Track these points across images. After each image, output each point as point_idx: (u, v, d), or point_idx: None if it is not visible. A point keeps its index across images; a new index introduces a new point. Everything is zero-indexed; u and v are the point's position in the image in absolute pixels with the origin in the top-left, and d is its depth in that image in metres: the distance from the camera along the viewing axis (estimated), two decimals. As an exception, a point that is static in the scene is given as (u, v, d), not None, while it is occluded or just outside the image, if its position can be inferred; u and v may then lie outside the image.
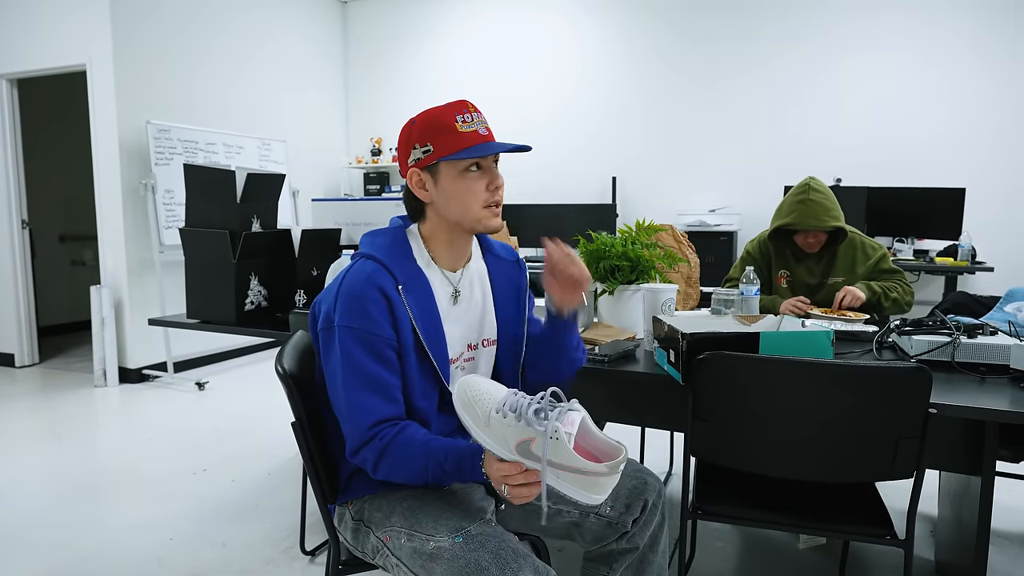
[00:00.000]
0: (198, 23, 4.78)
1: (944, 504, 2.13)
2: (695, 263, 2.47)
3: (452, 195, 1.23)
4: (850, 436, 1.41)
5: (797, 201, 2.33)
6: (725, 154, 5.09)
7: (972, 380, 1.56)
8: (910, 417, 1.37)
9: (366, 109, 6.27)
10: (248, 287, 2.31)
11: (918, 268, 4.17)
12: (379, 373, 1.17)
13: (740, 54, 4.97)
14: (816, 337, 1.53)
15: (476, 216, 1.24)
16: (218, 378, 4.60)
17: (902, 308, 2.28)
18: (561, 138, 5.48)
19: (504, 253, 1.43)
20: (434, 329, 1.25)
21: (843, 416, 1.40)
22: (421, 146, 1.22)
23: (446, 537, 1.14)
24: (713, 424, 1.50)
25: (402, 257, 1.25)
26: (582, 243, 2.08)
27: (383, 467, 1.15)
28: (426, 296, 1.25)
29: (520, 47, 5.61)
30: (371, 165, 6.09)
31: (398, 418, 1.19)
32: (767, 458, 1.49)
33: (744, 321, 1.79)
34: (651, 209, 5.19)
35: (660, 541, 1.37)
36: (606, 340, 1.84)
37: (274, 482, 2.81)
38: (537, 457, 1.01)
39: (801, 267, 2.45)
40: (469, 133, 1.19)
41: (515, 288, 1.41)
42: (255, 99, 5.31)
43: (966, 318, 1.86)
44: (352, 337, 1.16)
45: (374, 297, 1.17)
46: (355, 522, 1.28)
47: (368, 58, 6.20)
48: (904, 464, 1.41)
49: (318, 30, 5.96)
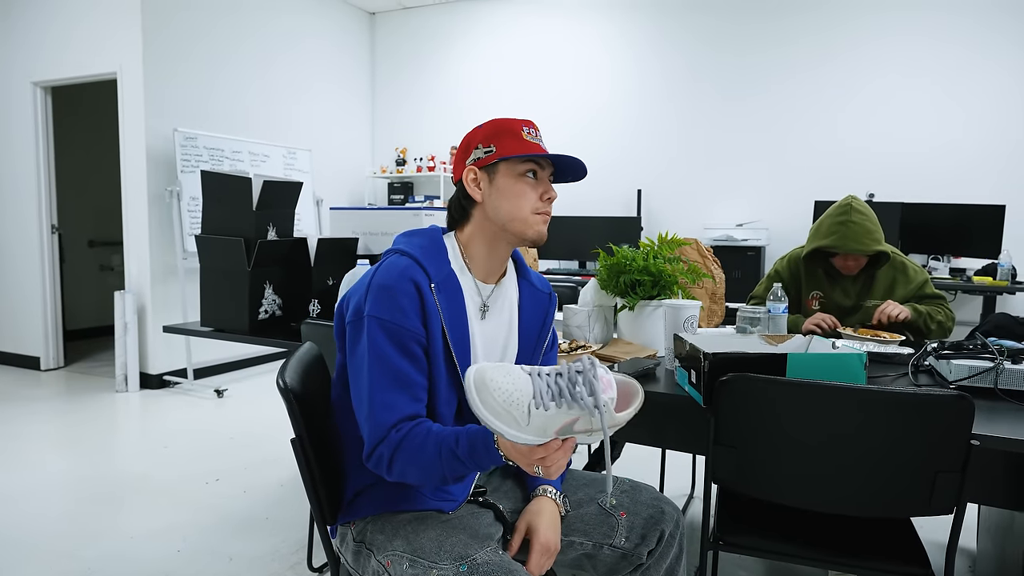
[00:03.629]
0: (226, 33, 4.85)
1: (984, 539, 2.03)
2: (720, 279, 2.39)
3: (506, 194, 1.22)
4: (884, 467, 1.33)
5: (838, 223, 2.22)
6: (753, 167, 5.00)
7: (1016, 408, 1.47)
8: (950, 449, 1.29)
9: (391, 119, 6.30)
10: (262, 296, 2.28)
11: (955, 287, 4.04)
12: (406, 369, 1.14)
13: (770, 66, 4.89)
14: (848, 360, 1.45)
15: (525, 218, 1.22)
16: (237, 386, 4.61)
17: (945, 334, 2.17)
18: (587, 151, 5.43)
19: (539, 283, 1.40)
20: (462, 334, 1.22)
21: (877, 446, 1.32)
22: (484, 146, 1.23)
23: (450, 565, 1.08)
24: (736, 450, 1.43)
25: (437, 258, 1.24)
26: (602, 256, 2.03)
27: (398, 463, 1.10)
28: (457, 300, 1.23)
29: (547, 60, 5.60)
30: (395, 175, 6.11)
31: (419, 416, 1.15)
32: (793, 488, 1.42)
33: (771, 341, 1.72)
34: (677, 223, 5.11)
35: (677, 574, 1.30)
36: (625, 358, 1.78)
37: (286, 494, 2.79)
38: (579, 431, 0.97)
39: (836, 289, 2.35)
40: (532, 143, 1.22)
41: (541, 320, 1.38)
42: (281, 108, 5.37)
43: (1009, 341, 1.76)
44: (381, 329, 1.13)
45: (407, 290, 1.15)
46: (356, 544, 1.23)
47: (395, 69, 6.24)
48: (943, 499, 1.32)
49: (346, 40, 6.02)
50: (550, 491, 1.28)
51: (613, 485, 1.37)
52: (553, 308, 1.42)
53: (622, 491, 1.35)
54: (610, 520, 1.29)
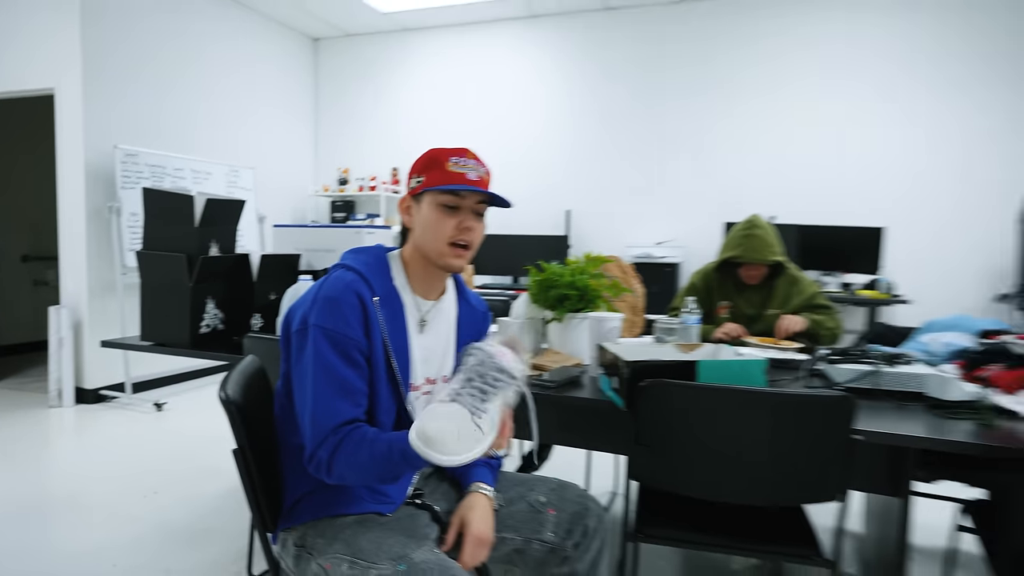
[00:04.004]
0: (170, 52, 4.67)
1: (870, 523, 2.15)
2: (640, 293, 2.46)
3: (425, 224, 1.24)
4: (781, 461, 1.41)
5: (743, 236, 2.37)
6: (671, 192, 5.18)
7: (894, 406, 1.58)
8: (837, 443, 1.37)
9: (335, 141, 6.20)
10: (204, 310, 2.20)
11: (844, 300, 4.28)
12: (348, 376, 1.14)
13: (686, 104, 5.09)
14: (750, 366, 1.53)
15: (439, 250, 1.23)
16: (177, 399, 4.40)
17: (835, 339, 2.32)
18: (520, 175, 5.50)
19: (476, 303, 1.43)
20: (402, 346, 1.23)
21: (774, 442, 1.39)
22: (416, 176, 1.25)
23: (388, 565, 1.08)
24: (654, 449, 1.48)
25: (381, 274, 1.25)
26: (533, 272, 2.06)
27: (337, 465, 1.10)
28: (398, 313, 1.24)
29: (483, 90, 5.64)
30: (338, 194, 6.01)
31: (359, 420, 1.15)
32: (704, 482, 1.47)
33: (684, 349, 1.78)
34: (601, 241, 5.23)
35: (600, 565, 1.33)
36: (554, 366, 1.81)
37: (225, 504, 2.67)
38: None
39: (742, 298, 2.47)
40: (456, 173, 1.21)
41: (475, 334, 1.39)
42: (225, 127, 5.20)
43: (888, 348, 1.90)
44: (326, 337, 1.14)
45: (351, 302, 1.16)
46: (297, 549, 1.20)
47: (338, 93, 6.15)
48: (831, 488, 1.40)
49: (290, 64, 5.89)
50: (483, 487, 1.29)
51: (543, 484, 1.38)
52: (487, 325, 1.45)
53: (550, 489, 1.37)
54: (539, 516, 1.31)
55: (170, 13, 4.66)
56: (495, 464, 1.38)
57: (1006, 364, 1.67)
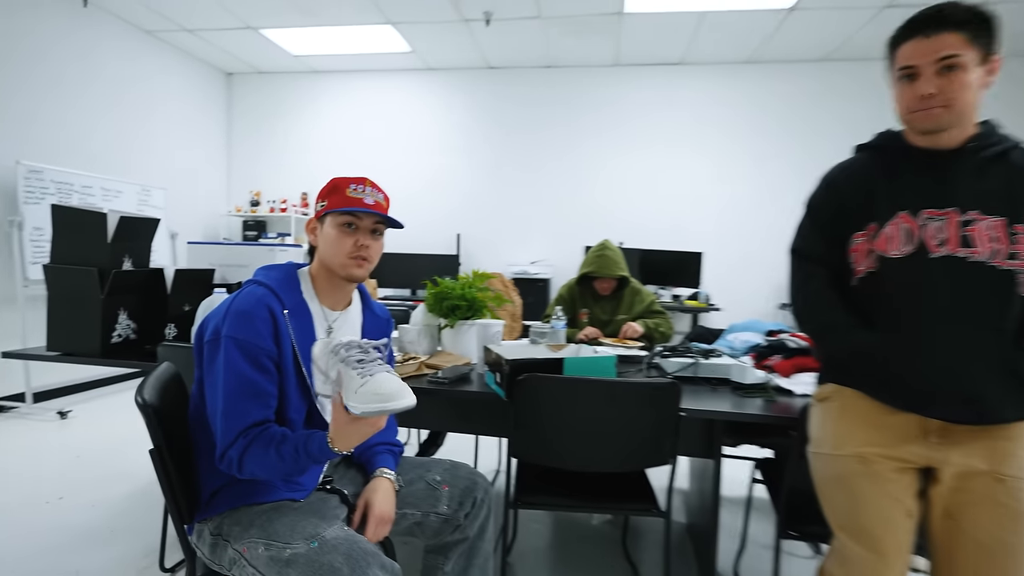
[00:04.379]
0: (78, 74, 4.15)
1: (691, 480, 2.34)
2: (519, 303, 2.54)
3: (328, 241, 1.22)
4: (628, 435, 1.51)
5: (597, 256, 2.52)
6: (543, 219, 5.36)
7: (709, 390, 1.74)
8: (668, 419, 1.49)
9: (247, 166, 5.80)
10: (116, 321, 1.99)
11: (674, 308, 4.64)
12: (258, 381, 1.09)
13: (553, 150, 5.30)
14: (604, 361, 1.63)
15: (341, 262, 1.22)
16: (84, 407, 3.88)
17: (667, 339, 2.51)
18: (417, 201, 5.44)
19: (379, 311, 1.40)
20: (310, 352, 1.17)
21: (622, 420, 1.50)
22: (320, 201, 1.24)
23: (302, 544, 1.04)
24: (529, 431, 1.53)
25: (290, 288, 1.21)
26: (429, 286, 2.06)
27: (247, 463, 1.05)
28: (307, 323, 1.20)
29: (386, 126, 5.53)
30: (250, 214, 5.62)
31: (268, 421, 1.10)
32: (569, 456, 1.55)
33: (553, 349, 1.86)
34: (487, 260, 5.30)
35: (487, 530, 1.35)
36: (447, 365, 1.82)
37: (134, 504, 2.39)
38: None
39: (597, 307, 2.62)
40: (355, 198, 1.20)
41: (379, 338, 1.36)
42: (136, 149, 4.69)
43: (705, 345, 2.09)
44: (237, 347, 1.08)
45: (262, 315, 1.11)
46: (213, 537, 1.12)
47: (251, 123, 5.77)
48: (664, 454, 1.52)
49: (204, 95, 5.44)
50: (386, 472, 1.28)
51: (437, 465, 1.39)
52: (390, 330, 1.44)
53: (444, 469, 1.37)
54: (435, 493, 1.31)
55: (78, 38, 4.16)
56: (396, 451, 1.37)
57: (784, 355, 1.89)
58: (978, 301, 1.07)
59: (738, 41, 4.49)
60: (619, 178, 5.21)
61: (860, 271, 1.18)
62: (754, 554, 2.11)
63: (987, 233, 1.08)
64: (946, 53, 1.07)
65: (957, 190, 1.11)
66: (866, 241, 1.16)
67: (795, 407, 1.57)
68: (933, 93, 1.09)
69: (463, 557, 1.31)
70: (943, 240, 1.10)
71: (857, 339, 1.16)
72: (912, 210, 1.12)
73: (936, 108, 1.09)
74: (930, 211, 1.11)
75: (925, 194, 1.13)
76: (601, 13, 4.08)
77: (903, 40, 1.13)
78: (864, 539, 1.16)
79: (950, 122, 1.11)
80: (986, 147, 1.12)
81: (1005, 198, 1.09)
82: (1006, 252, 1.06)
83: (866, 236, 1.16)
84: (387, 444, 1.34)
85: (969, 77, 1.08)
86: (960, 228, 1.09)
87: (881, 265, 1.14)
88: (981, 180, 1.11)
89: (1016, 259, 1.06)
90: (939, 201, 1.11)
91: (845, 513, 1.19)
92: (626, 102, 5.16)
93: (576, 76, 5.22)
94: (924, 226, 1.11)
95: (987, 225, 1.08)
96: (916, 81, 1.11)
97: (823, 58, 4.76)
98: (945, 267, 1.09)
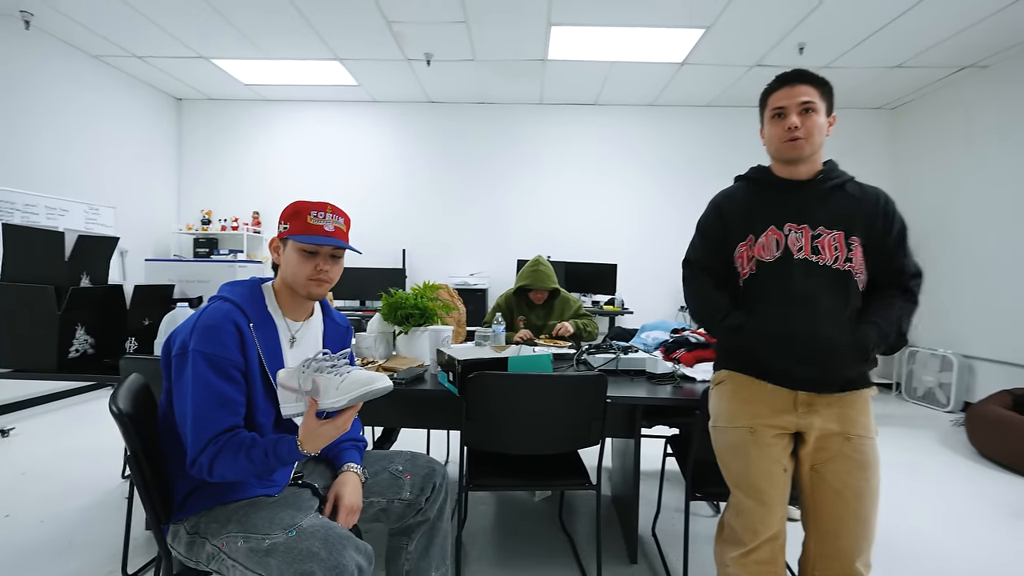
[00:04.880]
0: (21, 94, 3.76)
1: (615, 458, 2.45)
2: (463, 311, 2.56)
3: (289, 264, 1.20)
4: (563, 422, 1.57)
5: (532, 271, 2.59)
6: (480, 235, 5.40)
7: (628, 380, 1.84)
8: (596, 406, 1.57)
9: (199, 187, 5.44)
10: (73, 336, 1.82)
11: (595, 312, 4.82)
12: (226, 390, 1.06)
13: (490, 174, 5.37)
14: (541, 358, 1.69)
15: (302, 284, 1.20)
16: (29, 423, 3.47)
17: (594, 337, 2.61)
18: (365, 219, 5.33)
19: (339, 319, 1.38)
20: (276, 360, 1.16)
21: (558, 409, 1.56)
22: (284, 223, 1.20)
23: (280, 534, 1.02)
24: (479, 423, 1.56)
25: (255, 303, 1.17)
26: (384, 297, 2.05)
27: (218, 467, 1.01)
28: (272, 335, 1.17)
29: (334, 152, 5.39)
30: (201, 232, 5.27)
31: (237, 427, 1.07)
32: (514, 442, 1.59)
33: (497, 350, 1.90)
34: (430, 272, 5.27)
35: (445, 511, 1.37)
36: (403, 368, 1.82)
37: (90, 517, 2.17)
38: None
39: (533, 314, 2.69)
40: (315, 226, 1.17)
41: (340, 345, 1.36)
42: (83, 168, 4.28)
43: (623, 343, 2.21)
44: (204, 359, 1.05)
45: (228, 329, 1.08)
46: (190, 536, 1.07)
47: (202, 147, 5.42)
48: (593, 436, 1.60)
49: (154, 120, 5.06)
50: (353, 466, 1.27)
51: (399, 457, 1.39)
52: (350, 337, 1.42)
53: (405, 460, 1.38)
54: (398, 481, 1.31)
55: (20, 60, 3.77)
56: (361, 447, 1.36)
57: (687, 348, 2.04)
58: (827, 295, 1.24)
59: (642, 87, 4.78)
60: (545, 200, 5.36)
61: (744, 273, 1.32)
62: (667, 517, 2.24)
63: (830, 244, 1.26)
64: (806, 99, 1.27)
65: (809, 211, 1.29)
66: (747, 249, 1.31)
67: (697, 391, 1.69)
68: (797, 126, 1.27)
69: (425, 537, 1.31)
70: (800, 247, 1.26)
71: (735, 319, 1.31)
72: (778, 225, 1.29)
73: (799, 139, 1.28)
74: (791, 224, 1.28)
75: (787, 213, 1.30)
76: (527, 59, 4.22)
77: (774, 90, 1.32)
78: (753, 493, 1.29)
79: (808, 152, 1.29)
80: (830, 179, 1.31)
81: (843, 218, 1.28)
82: (844, 258, 1.25)
83: (747, 245, 1.31)
84: (352, 440, 1.33)
85: (821, 120, 1.28)
86: (812, 240, 1.26)
87: (758, 268, 1.29)
88: (826, 204, 1.29)
89: (850, 263, 1.25)
90: (797, 218, 1.29)
91: (739, 473, 1.32)
92: (550, 135, 5.33)
93: (507, 111, 5.33)
94: (787, 236, 1.28)
95: (831, 238, 1.27)
96: (784, 119, 1.29)
97: (709, 104, 5.16)
98: (803, 268, 1.26)
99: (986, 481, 2.77)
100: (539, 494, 2.42)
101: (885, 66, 4.13)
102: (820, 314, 1.23)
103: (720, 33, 3.66)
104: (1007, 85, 3.93)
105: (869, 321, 1.24)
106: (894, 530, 2.17)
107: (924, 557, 1.99)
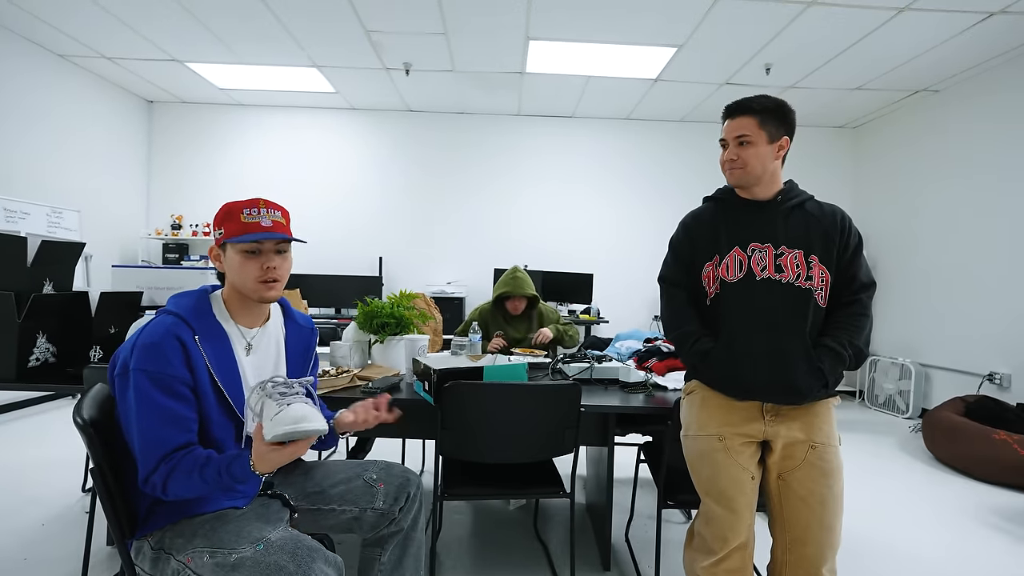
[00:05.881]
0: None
1: (589, 466, 2.46)
2: (440, 320, 2.56)
3: (233, 269, 1.15)
4: (538, 430, 1.58)
5: (511, 278, 2.61)
6: (457, 245, 5.40)
7: (601, 388, 1.86)
8: (570, 415, 1.59)
9: (169, 191, 5.30)
10: (34, 344, 1.76)
11: (572, 321, 4.86)
12: (173, 407, 1.02)
13: (467, 183, 5.39)
14: (517, 368, 1.70)
15: (252, 288, 1.15)
16: (-21, 436, 3.30)
17: (576, 342, 2.64)
18: (341, 227, 5.28)
19: (302, 321, 1.34)
20: (229, 371, 1.11)
21: (533, 417, 1.57)
22: (217, 229, 1.14)
23: (248, 548, 1.00)
24: (454, 432, 1.56)
25: (202, 314, 1.12)
26: (360, 306, 2.04)
27: (172, 486, 0.99)
28: (223, 345, 1.12)
29: (311, 158, 5.33)
30: (171, 237, 5.13)
31: (190, 444, 1.03)
32: (489, 451, 1.59)
33: (473, 359, 1.91)
34: (407, 280, 5.24)
35: (419, 521, 1.36)
36: (378, 377, 1.81)
37: (48, 532, 2.07)
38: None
39: (511, 326, 2.70)
40: (251, 224, 1.11)
41: (304, 348, 1.32)
42: (46, 170, 4.13)
43: (597, 352, 2.23)
44: (147, 378, 1.00)
45: (171, 344, 1.03)
46: (155, 551, 1.04)
47: (173, 151, 5.29)
48: (568, 444, 1.62)
49: (124, 121, 4.92)
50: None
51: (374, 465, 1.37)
52: (314, 339, 1.36)
53: (380, 468, 1.36)
54: (371, 490, 1.30)
55: (-16, 58, 3.64)
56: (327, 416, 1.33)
57: (659, 358, 2.07)
58: (788, 312, 1.29)
59: (617, 101, 4.88)
60: (523, 210, 5.40)
61: (711, 293, 1.36)
62: (640, 524, 2.26)
63: (792, 262, 1.32)
64: (740, 133, 1.35)
65: (771, 230, 1.34)
66: (712, 269, 1.36)
67: (669, 400, 1.73)
68: (733, 159, 1.35)
69: (398, 547, 1.30)
70: (764, 266, 1.31)
71: (703, 345, 1.35)
72: (743, 245, 1.34)
73: (736, 169, 1.36)
74: (755, 244, 1.33)
75: (750, 233, 1.35)
76: (506, 71, 4.27)
77: (723, 120, 1.40)
78: (722, 500, 1.32)
79: (746, 180, 1.36)
80: (790, 199, 1.37)
81: (803, 237, 1.34)
82: (805, 276, 1.31)
83: (712, 265, 1.36)
84: None
85: (758, 150, 1.34)
86: (775, 259, 1.31)
87: (723, 288, 1.34)
88: (787, 223, 1.35)
89: (810, 281, 1.31)
90: (760, 238, 1.34)
91: (708, 479, 1.35)
92: (528, 146, 5.39)
93: (485, 122, 5.37)
94: (751, 256, 1.32)
95: (792, 256, 1.32)
96: (726, 150, 1.37)
97: (682, 119, 5.30)
98: (766, 287, 1.31)
99: (940, 485, 2.89)
100: (514, 503, 2.42)
101: (846, 88, 4.32)
102: (782, 332, 1.29)
103: (692, 52, 3.78)
104: (957, 108, 4.16)
105: (825, 346, 1.29)
106: (856, 533, 2.24)
107: (884, 559, 2.06)
